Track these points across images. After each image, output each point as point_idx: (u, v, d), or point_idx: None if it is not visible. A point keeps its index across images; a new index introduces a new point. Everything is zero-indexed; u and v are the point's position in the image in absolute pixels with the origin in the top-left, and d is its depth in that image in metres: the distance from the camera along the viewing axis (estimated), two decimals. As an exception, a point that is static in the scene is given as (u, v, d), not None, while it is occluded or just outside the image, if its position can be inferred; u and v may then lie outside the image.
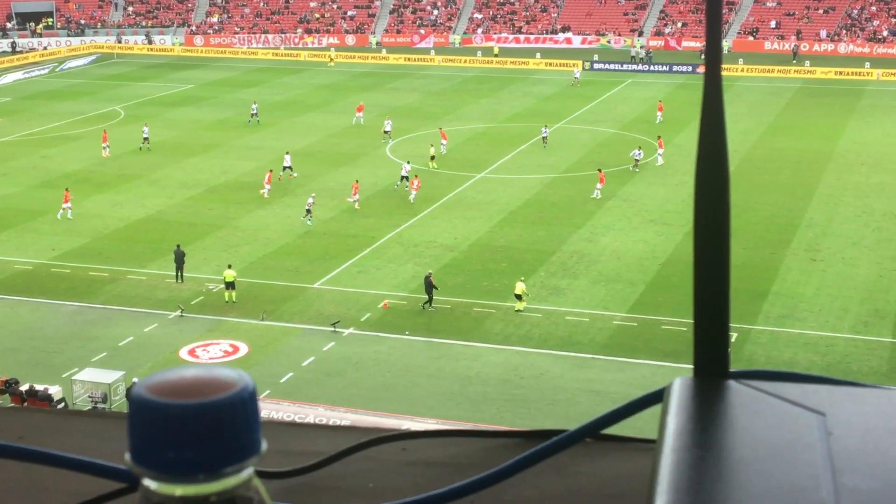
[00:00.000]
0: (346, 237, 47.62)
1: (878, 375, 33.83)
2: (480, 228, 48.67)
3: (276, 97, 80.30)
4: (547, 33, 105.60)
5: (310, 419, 29.02)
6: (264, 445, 1.16)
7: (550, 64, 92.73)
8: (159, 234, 48.17)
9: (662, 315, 37.83)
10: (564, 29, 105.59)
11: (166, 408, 1.12)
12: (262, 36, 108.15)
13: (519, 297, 39.40)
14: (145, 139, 63.13)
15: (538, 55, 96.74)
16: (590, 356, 36.05)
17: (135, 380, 32.67)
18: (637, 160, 57.55)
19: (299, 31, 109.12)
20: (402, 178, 53.59)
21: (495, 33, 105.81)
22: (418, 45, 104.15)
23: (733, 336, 36.14)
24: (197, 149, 63.77)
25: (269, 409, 28.61)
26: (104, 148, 62.07)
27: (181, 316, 39.79)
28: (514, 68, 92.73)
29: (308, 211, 49.62)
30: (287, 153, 58.77)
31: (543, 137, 63.46)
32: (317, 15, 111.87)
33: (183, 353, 36.64)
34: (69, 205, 50.56)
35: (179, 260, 42.70)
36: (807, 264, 43.70)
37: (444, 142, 62.02)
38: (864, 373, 33.98)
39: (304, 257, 45.26)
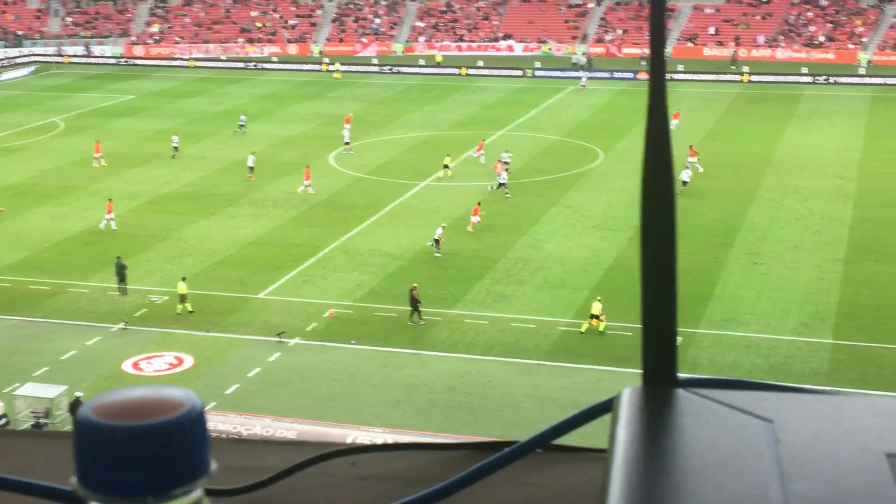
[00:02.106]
0: (290, 247, 47.42)
1: (819, 377, 34.28)
2: (425, 236, 48.65)
3: (217, 107, 79.80)
4: (489, 41, 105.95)
5: (256, 430, 28.87)
6: (213, 465, 1.16)
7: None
8: (101, 246, 47.65)
9: (607, 320, 38.04)
10: (506, 37, 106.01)
11: (113, 430, 1.11)
12: (204, 45, 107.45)
13: (596, 317, 37.93)
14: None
15: (480, 63, 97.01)
16: (536, 362, 36.17)
17: (78, 394, 32.33)
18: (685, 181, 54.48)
19: (241, 40, 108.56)
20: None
21: (437, 41, 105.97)
22: (361, 54, 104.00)
23: (677, 340, 36.36)
24: (139, 159, 63.20)
25: (216, 422, 28.38)
26: (96, 159, 61.45)
27: (124, 329, 39.39)
28: (455, 77, 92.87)
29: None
30: (252, 153, 59.30)
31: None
32: (258, 24, 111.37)
33: (126, 366, 36.25)
34: (112, 216, 50.21)
35: (121, 272, 42.27)
36: (748, 268, 44.18)
37: (481, 152, 61.04)
38: (806, 374, 34.42)
39: (249, 268, 45.01)
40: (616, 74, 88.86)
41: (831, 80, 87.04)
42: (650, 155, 1.58)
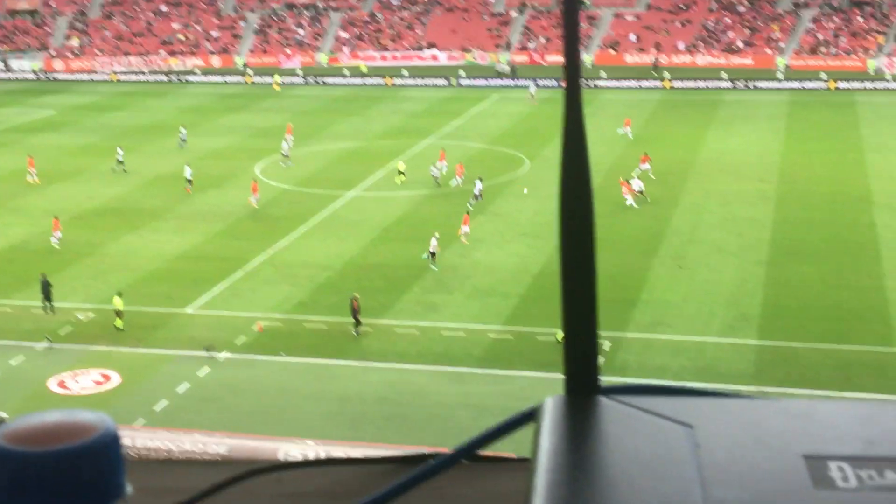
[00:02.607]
0: (218, 260, 47.03)
1: (745, 377, 34.78)
2: (354, 247, 48.59)
3: (140, 121, 78.96)
4: (413, 50, 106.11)
5: (186, 446, 28.55)
6: (129, 488, 1.16)
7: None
8: (24, 263, 46.86)
9: (537, 326, 38.26)
10: (430, 46, 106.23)
11: (25, 457, 1.11)
12: (125, 58, 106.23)
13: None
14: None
15: (405, 72, 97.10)
16: (467, 370, 36.25)
17: (2, 414, 31.70)
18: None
19: (163, 52, 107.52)
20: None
21: (361, 51, 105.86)
22: (285, 66, 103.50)
23: (606, 345, 36.77)
24: (61, 175, 62.29)
25: (144, 438, 28.05)
26: (30, 174, 60.34)
27: (49, 347, 38.78)
28: (380, 87, 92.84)
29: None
30: (187, 166, 58.90)
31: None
32: (180, 36, 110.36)
33: (52, 385, 35.69)
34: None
35: (45, 289, 41.62)
36: (674, 272, 44.70)
37: (442, 163, 60.04)
38: (733, 375, 34.90)
39: (176, 282, 44.55)
40: (540, 82, 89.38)
41: (750, 85, 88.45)
42: (567, 163, 1.60)
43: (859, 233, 49.25)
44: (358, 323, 39.30)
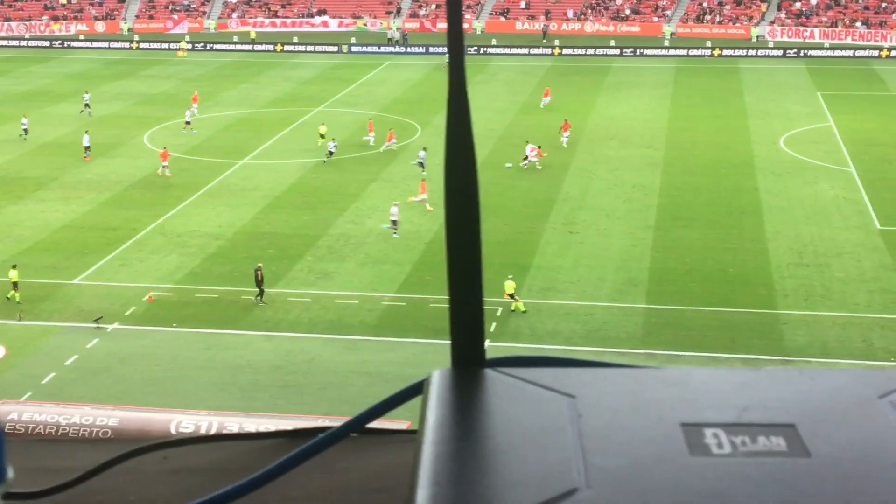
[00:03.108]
0: (105, 230, 46.24)
1: (634, 340, 35.51)
2: (245, 215, 48.18)
3: (22, 87, 76.98)
4: (303, 17, 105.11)
5: (76, 420, 28.14)
6: (10, 472, 1.12)
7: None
8: None
9: (430, 294, 38.47)
10: (321, 12, 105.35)
11: None
12: (5, 24, 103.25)
13: (513, 297, 37.64)
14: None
15: (296, 39, 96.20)
16: (360, 338, 36.31)
17: None
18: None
19: (45, 18, 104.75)
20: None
21: (251, 17, 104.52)
22: (172, 31, 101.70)
23: (499, 310, 37.17)
24: (-61, 144, 60.49)
25: (31, 412, 27.56)
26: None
27: (-69, 321, 37.78)
28: (270, 53, 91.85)
29: None
30: (86, 132, 58.66)
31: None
32: (63, 1, 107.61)
33: (-65, 360, 34.82)
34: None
35: (-74, 262, 40.51)
36: (565, 237, 45.28)
37: (371, 135, 59.64)
38: (622, 338, 35.59)
39: (62, 253, 43.70)
40: (431, 49, 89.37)
41: (638, 52, 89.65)
42: (451, 131, 1.59)
43: (743, 197, 50.45)
44: (261, 293, 39.08)
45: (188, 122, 63.76)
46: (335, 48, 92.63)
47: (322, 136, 59.32)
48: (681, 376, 1.58)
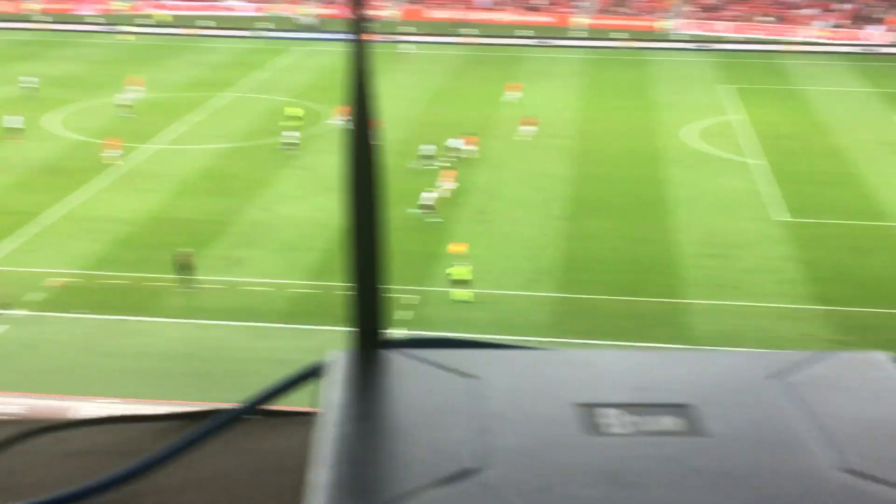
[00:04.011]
0: (10, 214, 45.29)
1: (545, 328, 35.80)
2: (157, 201, 47.57)
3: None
4: (217, 0, 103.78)
5: (-19, 407, 27.68)
6: None
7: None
8: None
9: (341, 280, 38.26)
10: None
11: None
12: None
13: (460, 283, 37.67)
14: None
15: (207, 22, 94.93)
16: (271, 325, 36.14)
17: None
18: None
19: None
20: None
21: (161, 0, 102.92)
22: (79, 12, 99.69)
23: (414, 299, 37.26)
24: None
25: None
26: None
27: None
28: (184, 35, 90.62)
29: None
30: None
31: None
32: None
33: None
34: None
35: None
36: (478, 226, 45.48)
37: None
38: (534, 326, 35.86)
39: (-34, 238, 42.78)
40: (368, 36, 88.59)
41: (549, 43, 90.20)
42: (354, 117, 1.63)
43: (652, 188, 51.14)
44: (186, 279, 38.71)
45: (128, 105, 62.84)
46: (249, 32, 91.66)
47: (291, 118, 58.80)
48: (581, 358, 1.63)
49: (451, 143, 54.86)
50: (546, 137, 59.49)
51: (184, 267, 38.91)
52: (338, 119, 59.81)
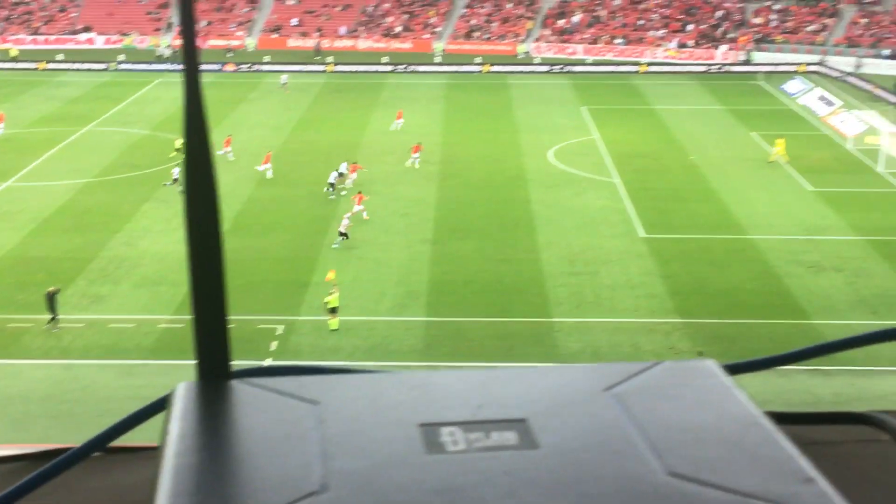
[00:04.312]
0: None
1: (415, 352, 35.87)
2: (11, 240, 46.24)
3: None
4: (68, 34, 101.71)
5: None
6: None
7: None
8: None
9: (182, 314, 37.72)
10: (86, 29, 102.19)
11: None
12: None
13: (333, 311, 37.39)
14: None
15: (61, 56, 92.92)
16: (137, 362, 35.39)
17: None
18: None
19: None
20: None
21: (12, 35, 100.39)
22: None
23: (279, 328, 36.95)
24: None
25: None
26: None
27: None
28: (34, 71, 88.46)
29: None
30: None
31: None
32: None
33: None
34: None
35: None
36: (344, 253, 45.35)
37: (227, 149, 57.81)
38: (404, 352, 35.90)
39: None
40: (201, 67, 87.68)
41: (410, 69, 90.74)
42: (190, 149, 1.65)
43: (516, 209, 51.74)
44: (54, 318, 37.71)
45: None
46: (103, 66, 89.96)
47: (178, 150, 57.61)
48: (421, 379, 1.66)
49: (342, 168, 55.03)
50: (408, 162, 59.72)
51: (54, 303, 37.95)
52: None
